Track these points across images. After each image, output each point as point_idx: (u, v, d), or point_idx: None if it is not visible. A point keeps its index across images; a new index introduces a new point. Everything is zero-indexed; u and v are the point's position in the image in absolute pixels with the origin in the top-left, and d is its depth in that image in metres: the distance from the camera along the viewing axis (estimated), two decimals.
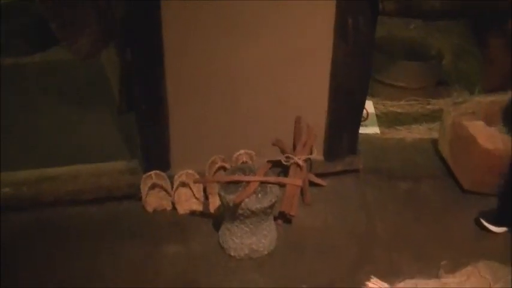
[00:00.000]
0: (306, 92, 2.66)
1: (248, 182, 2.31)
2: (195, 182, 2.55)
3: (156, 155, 2.61)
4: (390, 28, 3.91)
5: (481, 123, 2.80)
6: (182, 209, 2.59)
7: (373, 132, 3.23)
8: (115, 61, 2.80)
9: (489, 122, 2.87)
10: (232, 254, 2.39)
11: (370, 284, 1.79)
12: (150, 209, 2.59)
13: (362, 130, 3.05)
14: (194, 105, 2.56)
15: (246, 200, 2.27)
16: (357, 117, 2.80)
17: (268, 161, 2.55)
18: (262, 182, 2.34)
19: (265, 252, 2.41)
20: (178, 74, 2.47)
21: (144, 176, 2.58)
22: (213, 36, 2.43)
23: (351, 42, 2.52)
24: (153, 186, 2.58)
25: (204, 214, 2.59)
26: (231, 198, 2.27)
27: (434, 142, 3.10)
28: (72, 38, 2.56)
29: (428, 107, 3.50)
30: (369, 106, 3.36)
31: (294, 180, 2.54)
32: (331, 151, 2.79)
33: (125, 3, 2.37)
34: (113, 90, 2.99)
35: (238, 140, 2.66)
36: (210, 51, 2.46)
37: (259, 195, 2.31)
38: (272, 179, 2.39)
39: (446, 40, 4.04)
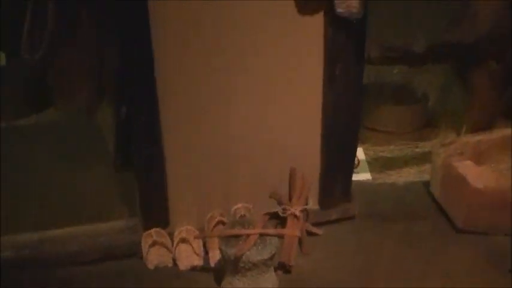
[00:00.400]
0: (299, 141, 2.72)
1: (248, 235, 2.36)
2: (196, 237, 2.59)
3: (155, 212, 2.65)
4: (375, 74, 4.00)
5: (470, 162, 2.87)
6: (183, 265, 2.62)
7: (364, 178, 3.29)
8: (110, 119, 2.86)
9: (478, 161, 2.95)
10: None
11: None
12: (151, 266, 2.62)
13: (354, 177, 3.10)
14: (191, 163, 2.60)
15: (247, 252, 2.31)
16: (350, 164, 2.85)
17: (265, 214, 2.60)
18: (261, 234, 2.39)
19: None
20: (176, 132, 2.52)
21: (144, 234, 2.62)
22: (207, 91, 2.51)
23: (340, 87, 2.60)
24: (154, 244, 2.61)
25: (205, 269, 2.62)
26: (232, 252, 2.31)
27: (426, 184, 3.15)
28: (69, 93, 2.63)
29: (418, 150, 3.57)
30: (360, 153, 3.42)
31: (292, 231, 2.59)
32: (326, 200, 2.84)
33: (119, 60, 2.44)
34: (110, 148, 3.05)
35: (235, 194, 2.70)
36: (205, 106, 2.53)
37: (259, 247, 2.36)
38: (271, 231, 2.44)
39: (431, 82, 4.13)
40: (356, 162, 3.21)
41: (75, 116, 3.34)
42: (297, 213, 2.65)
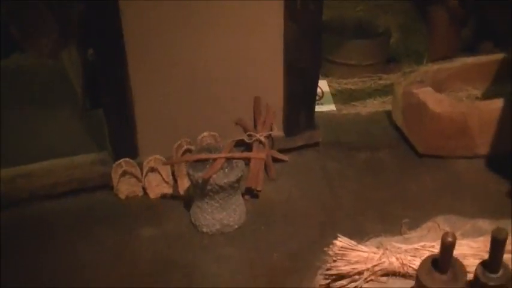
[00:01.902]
0: (262, 72, 2.78)
1: (215, 159, 2.42)
2: (164, 164, 2.66)
3: (124, 144, 2.70)
4: (339, 10, 4.05)
5: (429, 89, 2.94)
6: (153, 193, 2.69)
7: (329, 109, 3.36)
8: (76, 61, 2.88)
9: (437, 88, 3.02)
10: (204, 230, 2.50)
11: (337, 242, 1.89)
12: (122, 196, 2.68)
13: (319, 108, 3.19)
14: (157, 95, 2.65)
15: (214, 176, 2.38)
16: (312, 93, 2.92)
17: (232, 140, 2.66)
18: (227, 158, 2.45)
19: (236, 226, 2.52)
20: (140, 66, 2.57)
21: (114, 165, 2.68)
22: (170, 28, 2.54)
23: (301, 22, 2.65)
24: (124, 174, 2.67)
25: (175, 196, 2.70)
26: (199, 175, 2.38)
27: (388, 113, 3.24)
28: (31, 38, 2.64)
29: (381, 82, 3.65)
30: (324, 85, 3.49)
31: (258, 154, 2.66)
32: (291, 127, 2.91)
33: (82, 2, 2.46)
34: (77, 89, 3.07)
35: (202, 123, 2.77)
36: (168, 43, 2.58)
37: (226, 170, 2.43)
38: (237, 154, 2.51)
39: (392, 19, 4.20)
40: (320, 94, 3.29)
41: (42, 60, 3.34)
42: (262, 139, 2.72)
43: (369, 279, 1.74)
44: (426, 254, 1.76)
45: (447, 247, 1.52)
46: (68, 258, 2.41)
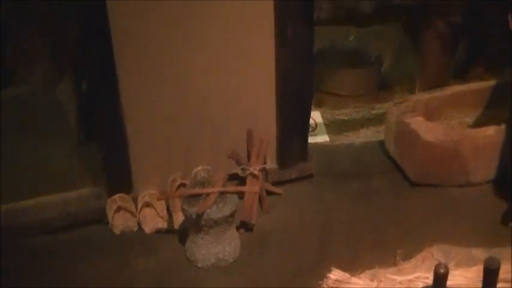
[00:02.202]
0: (255, 104, 2.80)
1: (208, 194, 2.44)
2: (159, 199, 2.67)
3: (118, 179, 2.71)
4: (331, 40, 4.08)
5: (421, 118, 2.97)
6: (148, 228, 2.69)
7: (323, 140, 3.38)
8: (71, 94, 2.90)
9: (429, 117, 3.05)
10: (199, 265, 2.49)
11: (331, 276, 1.91)
12: (117, 231, 2.68)
13: (312, 140, 3.21)
14: (151, 129, 2.67)
15: (208, 210, 2.39)
16: (305, 124, 2.94)
17: (225, 174, 2.68)
18: (221, 193, 2.47)
19: (231, 260, 2.51)
20: (134, 100, 2.59)
21: (109, 200, 2.69)
22: (164, 62, 2.57)
23: (292, 51, 2.68)
24: (118, 209, 2.68)
25: (170, 231, 2.70)
26: (193, 210, 2.39)
27: (381, 143, 3.25)
28: (26, 69, 2.67)
29: (373, 111, 3.67)
30: (317, 116, 3.51)
31: (252, 187, 2.67)
32: (284, 159, 2.92)
33: (76, 34, 2.49)
34: (72, 122, 3.09)
35: (196, 157, 2.78)
36: (162, 78, 2.60)
37: (220, 205, 2.44)
38: (231, 188, 2.53)
39: (384, 46, 4.23)
40: (314, 125, 3.31)
41: (37, 93, 3.36)
42: (256, 172, 2.74)
43: None
44: (420, 285, 1.78)
45: (440, 278, 1.53)
46: None
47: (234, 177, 2.77)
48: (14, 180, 2.93)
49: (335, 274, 1.88)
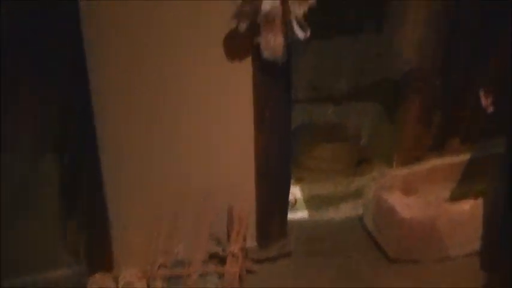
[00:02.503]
0: (235, 180, 2.82)
1: (189, 274, 2.44)
2: (140, 278, 2.66)
3: (99, 258, 2.72)
4: (310, 115, 4.14)
5: (399, 194, 3.01)
6: None
7: (302, 216, 3.40)
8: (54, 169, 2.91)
9: (407, 193, 3.09)
10: None
11: None
12: None
13: (292, 216, 3.23)
14: (133, 208, 2.70)
15: None
16: (285, 201, 2.97)
17: (206, 254, 2.69)
18: (202, 273, 2.47)
19: None
20: (116, 178, 2.62)
21: (90, 278, 2.67)
22: (146, 143, 2.62)
23: (270, 130, 2.73)
24: None
25: None
26: None
27: (361, 218, 3.28)
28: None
29: (352, 185, 3.70)
30: (297, 192, 3.54)
31: (232, 267, 2.67)
32: (264, 237, 2.93)
33: (58, 115, 2.52)
34: (53, 198, 3.09)
35: (177, 236, 2.77)
36: (145, 157, 2.65)
37: (200, 285, 2.44)
38: (211, 268, 2.53)
39: (362, 121, 4.29)
40: (293, 201, 3.34)
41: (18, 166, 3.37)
42: (236, 251, 2.74)
43: None
44: None
45: None
46: None
47: (214, 257, 2.77)
48: None
49: None
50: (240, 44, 2.52)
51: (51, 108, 2.67)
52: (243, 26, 2.44)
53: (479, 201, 2.97)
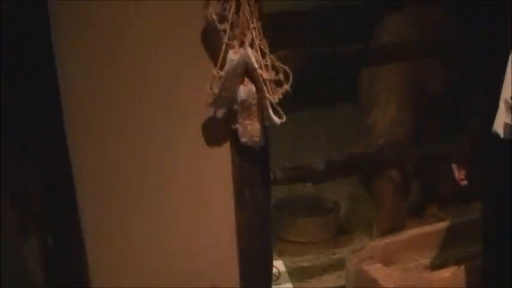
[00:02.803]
0: (219, 259, 2.86)
1: None
2: None
3: None
4: (289, 188, 4.25)
5: (379, 265, 3.09)
6: None
7: None
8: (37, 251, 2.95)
9: (387, 262, 3.18)
10: None
11: None
12: None
13: None
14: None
15: None
16: (268, 276, 3.01)
17: None
18: None
19: None
20: (100, 258, 2.65)
21: None
22: (131, 225, 2.67)
23: (251, 210, 2.80)
24: None
25: None
26: None
27: None
28: None
29: (334, 256, 3.79)
30: (280, 265, 3.60)
31: None
32: None
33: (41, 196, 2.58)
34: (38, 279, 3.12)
35: None
36: (129, 242, 2.69)
37: None
38: None
39: (341, 194, 4.42)
40: (277, 274, 3.40)
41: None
42: None
43: None
44: None
45: None
46: None
47: None
48: None
49: None
50: (218, 129, 2.63)
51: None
52: (221, 113, 2.57)
53: (461, 268, 3.04)
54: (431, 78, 4.01)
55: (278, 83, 2.50)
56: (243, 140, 2.57)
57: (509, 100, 2.44)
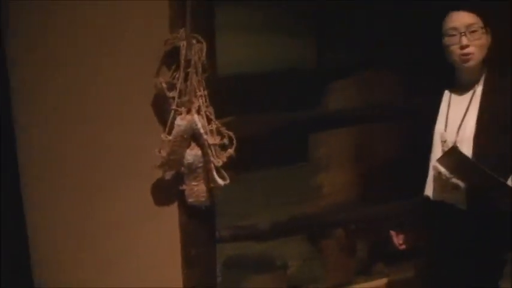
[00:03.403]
0: None
1: None
2: None
3: None
4: (237, 248, 4.34)
5: None
6: None
7: None
8: None
9: None
10: None
11: None
12: None
13: None
14: None
15: None
16: None
17: None
18: None
19: None
20: None
21: None
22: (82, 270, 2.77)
23: (198, 268, 2.95)
24: None
25: None
26: None
27: None
28: None
29: None
30: None
31: None
32: None
33: None
34: None
35: None
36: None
37: None
38: None
39: (289, 250, 4.53)
40: None
41: None
42: None
43: None
44: None
45: None
46: None
47: None
48: None
49: None
50: (167, 190, 2.77)
51: None
52: (169, 175, 2.71)
53: None
54: (376, 141, 4.21)
55: (223, 147, 2.67)
56: (190, 200, 2.72)
57: (437, 165, 2.64)
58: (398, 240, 2.99)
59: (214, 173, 2.61)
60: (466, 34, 2.54)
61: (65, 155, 2.62)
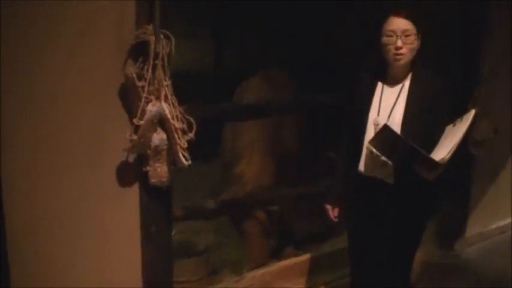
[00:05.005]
0: None
1: None
2: None
3: None
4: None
5: None
6: None
7: None
8: None
9: None
10: None
11: None
12: None
13: None
14: None
15: None
16: None
17: None
18: None
19: None
20: None
21: None
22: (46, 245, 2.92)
23: (156, 245, 3.15)
24: None
25: None
26: None
27: None
28: None
29: None
30: None
31: None
32: None
33: None
34: None
35: None
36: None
37: None
38: None
39: (210, 236, 4.86)
40: None
41: None
42: None
43: None
44: None
45: None
46: None
47: None
48: None
49: None
50: (129, 172, 3.00)
51: None
52: (132, 158, 2.94)
53: None
54: (286, 131, 4.64)
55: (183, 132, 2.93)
56: (153, 180, 2.94)
57: (370, 146, 3.03)
58: (333, 213, 3.34)
59: (180, 155, 2.87)
60: (401, 37, 2.94)
61: (38, 140, 2.78)
